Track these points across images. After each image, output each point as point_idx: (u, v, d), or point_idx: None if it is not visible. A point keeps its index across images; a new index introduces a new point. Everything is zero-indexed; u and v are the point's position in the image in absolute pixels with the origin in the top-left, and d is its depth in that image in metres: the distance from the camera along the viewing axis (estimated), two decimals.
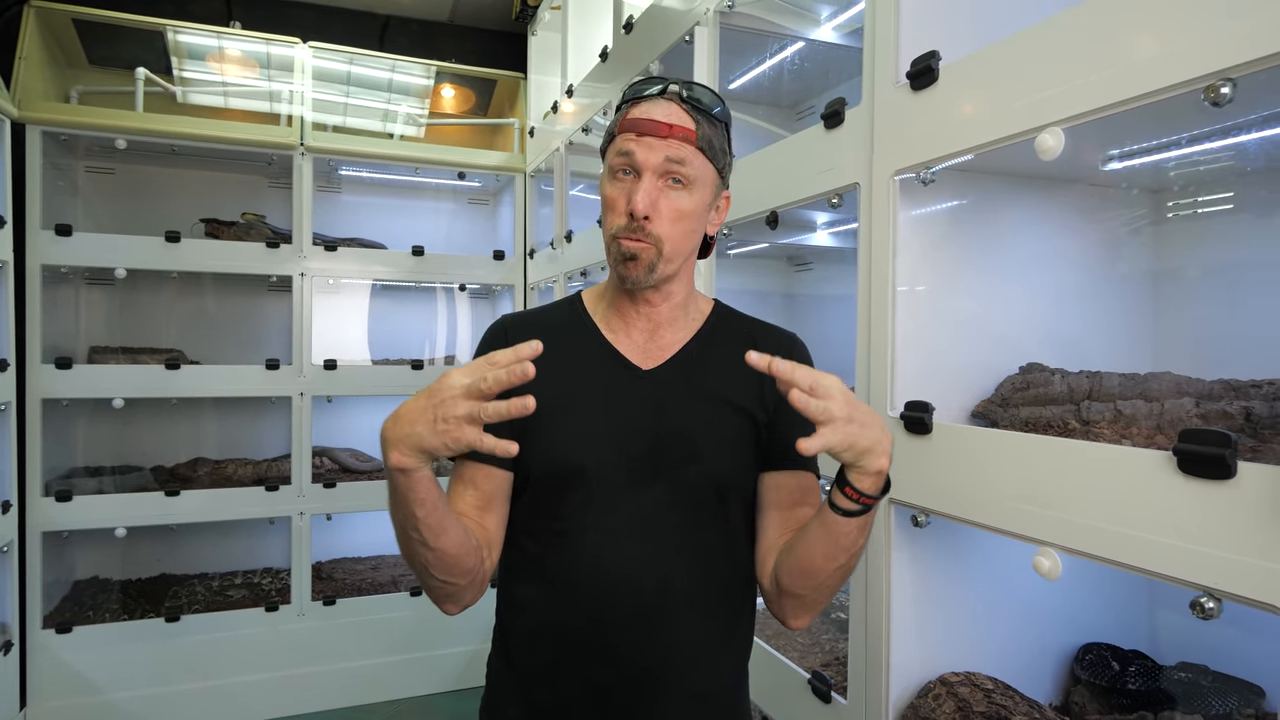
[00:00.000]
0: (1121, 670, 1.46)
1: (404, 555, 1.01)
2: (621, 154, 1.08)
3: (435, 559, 0.98)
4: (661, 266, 1.08)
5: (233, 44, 3.53)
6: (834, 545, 0.98)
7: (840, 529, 0.97)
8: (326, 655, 3.46)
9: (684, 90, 1.10)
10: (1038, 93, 1.12)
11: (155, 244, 3.24)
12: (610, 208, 1.09)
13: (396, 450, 0.89)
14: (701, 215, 1.12)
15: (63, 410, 3.25)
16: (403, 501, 0.93)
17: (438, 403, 0.88)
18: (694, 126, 1.08)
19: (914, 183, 1.40)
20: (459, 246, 4.19)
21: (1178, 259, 1.55)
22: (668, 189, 1.07)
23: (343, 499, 3.54)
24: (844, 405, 0.88)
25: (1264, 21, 0.84)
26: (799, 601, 1.07)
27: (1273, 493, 0.83)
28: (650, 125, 1.06)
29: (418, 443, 0.88)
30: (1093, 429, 1.25)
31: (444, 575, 1.01)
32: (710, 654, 1.12)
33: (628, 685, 1.07)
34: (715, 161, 1.11)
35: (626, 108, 1.12)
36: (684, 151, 1.07)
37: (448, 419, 0.87)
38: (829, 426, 0.86)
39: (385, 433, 0.91)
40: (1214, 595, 0.89)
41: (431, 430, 0.87)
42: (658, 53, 2.31)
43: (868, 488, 0.93)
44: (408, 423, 0.89)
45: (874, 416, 0.91)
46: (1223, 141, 1.23)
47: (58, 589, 3.33)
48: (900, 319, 1.41)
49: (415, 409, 0.89)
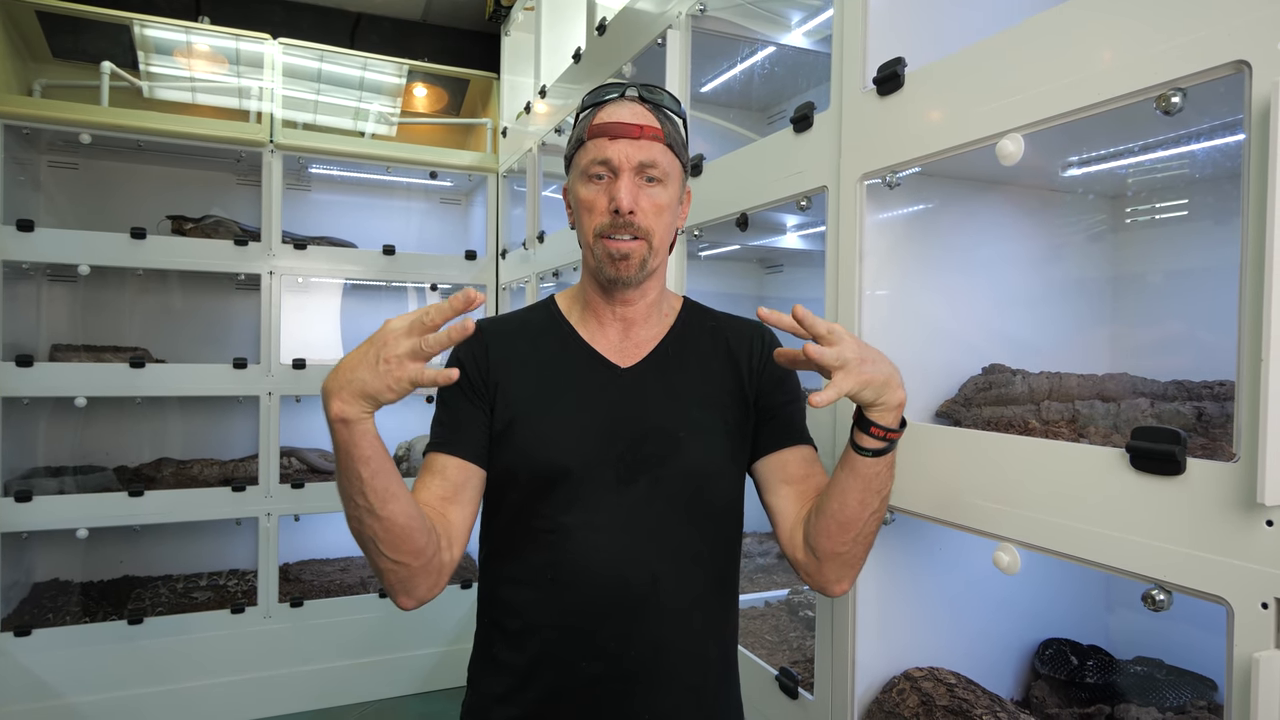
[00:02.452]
0: (1080, 665, 1.49)
1: (353, 533, 0.99)
2: (596, 157, 1.10)
3: (383, 530, 0.95)
4: (651, 260, 1.12)
5: (201, 39, 3.48)
6: (867, 489, 1.01)
7: (870, 470, 1.00)
8: (294, 658, 3.42)
9: (644, 92, 1.15)
10: (998, 100, 1.15)
11: (120, 240, 3.19)
12: (589, 209, 1.11)
13: (337, 399, 0.87)
14: (675, 208, 1.16)
15: (23, 409, 3.18)
16: (345, 459, 0.91)
17: (379, 344, 0.87)
18: (660, 125, 1.12)
19: (880, 186, 1.42)
20: (431, 246, 4.17)
21: (1135, 263, 1.59)
22: (645, 186, 1.11)
23: (311, 500, 3.50)
24: (855, 347, 0.92)
25: (1210, 35, 0.87)
26: (839, 560, 1.08)
27: (1219, 488, 0.86)
28: (622, 128, 1.09)
29: (360, 388, 0.87)
30: (1052, 428, 1.28)
31: (393, 553, 0.97)
32: (699, 647, 1.13)
33: (617, 681, 1.08)
34: (680, 157, 1.16)
35: (590, 113, 1.15)
36: (655, 150, 1.11)
37: (388, 359, 0.86)
38: (843, 371, 0.90)
39: (325, 385, 0.89)
40: (1164, 588, 0.92)
41: (374, 372, 0.86)
42: (630, 55, 2.32)
43: (890, 422, 0.97)
44: (348, 370, 0.88)
45: (881, 354, 0.96)
46: (1175, 150, 1.27)
47: (16, 591, 3.26)
48: (866, 320, 1.44)
49: (355, 356, 0.88)
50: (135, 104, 3.41)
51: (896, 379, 0.96)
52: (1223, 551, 0.86)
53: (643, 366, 1.16)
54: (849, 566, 1.10)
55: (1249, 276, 0.83)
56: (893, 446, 1.00)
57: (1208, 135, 1.17)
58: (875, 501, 1.03)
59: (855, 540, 1.06)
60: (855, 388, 0.92)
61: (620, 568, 1.08)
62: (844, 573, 1.10)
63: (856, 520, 1.04)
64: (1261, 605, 0.82)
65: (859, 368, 0.91)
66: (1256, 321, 0.81)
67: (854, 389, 0.92)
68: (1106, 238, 1.61)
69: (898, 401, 0.96)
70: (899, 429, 0.99)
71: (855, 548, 1.07)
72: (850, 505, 1.03)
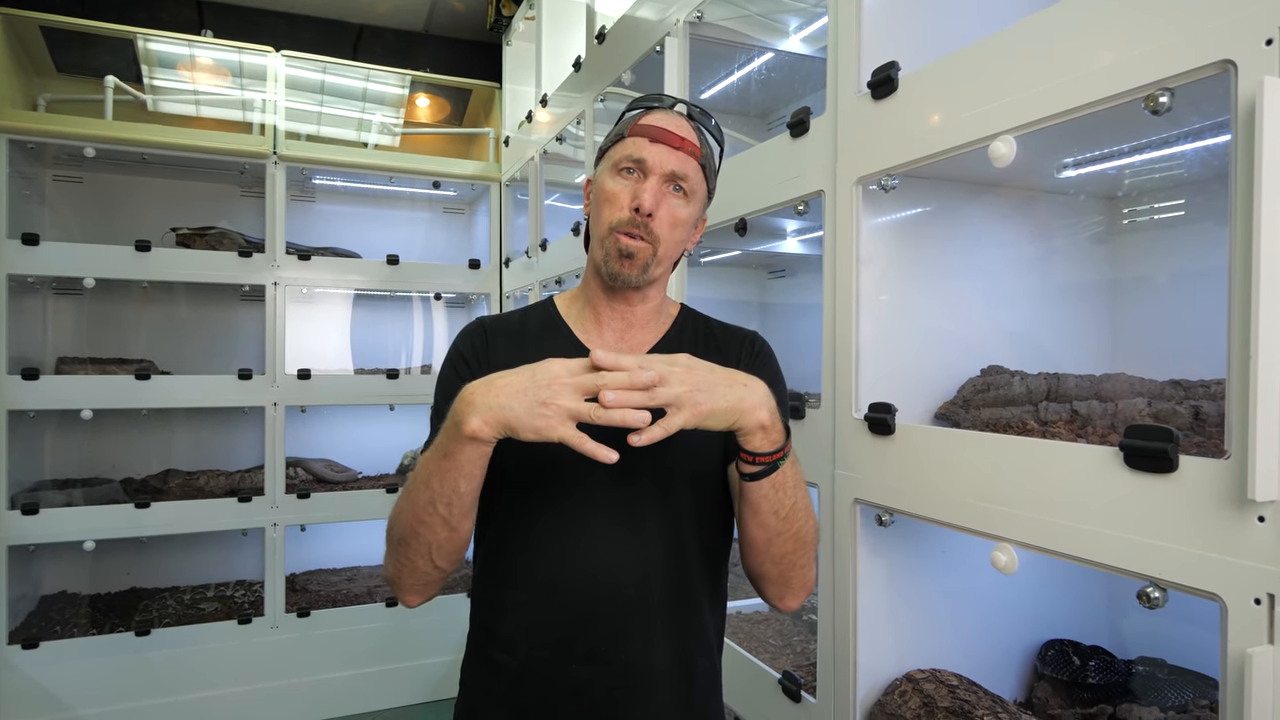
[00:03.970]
0: (1082, 665, 1.49)
1: (405, 534, 0.99)
2: (631, 154, 1.11)
3: (448, 540, 0.98)
4: (653, 268, 1.12)
5: (204, 52, 3.51)
6: (759, 512, 1.00)
7: (757, 494, 0.98)
8: (301, 668, 3.43)
9: (693, 110, 1.17)
10: (989, 102, 1.15)
11: (125, 253, 3.22)
12: (611, 201, 1.11)
13: (480, 417, 0.87)
14: (691, 227, 1.17)
15: (29, 422, 3.20)
16: (452, 471, 0.91)
17: (543, 385, 0.86)
18: (699, 145, 1.14)
19: (876, 190, 1.43)
20: (434, 255, 4.19)
21: (1132, 264, 1.59)
22: (670, 195, 1.11)
23: (317, 510, 3.51)
24: (683, 378, 0.88)
25: (1196, 35, 0.88)
26: (768, 580, 1.08)
27: (1212, 485, 0.86)
28: (664, 134, 1.11)
29: (508, 418, 0.86)
30: (1050, 429, 1.28)
31: (443, 561, 1.00)
32: (689, 648, 1.12)
33: (609, 682, 1.07)
34: (709, 181, 1.18)
35: (637, 114, 1.16)
36: (689, 165, 1.12)
37: (549, 404, 0.85)
38: (674, 408, 0.86)
39: (472, 396, 0.88)
40: (1159, 585, 0.92)
41: (530, 411, 0.85)
42: (629, 63, 2.34)
43: (758, 445, 0.93)
44: (503, 394, 0.86)
45: (729, 377, 0.91)
46: (1168, 150, 1.28)
47: (24, 604, 3.27)
48: (864, 323, 1.44)
49: (514, 384, 0.87)
50: (139, 117, 3.44)
51: (749, 401, 0.90)
52: (1216, 548, 0.86)
53: None
54: (782, 585, 1.08)
55: (1237, 275, 0.83)
56: (772, 469, 0.96)
57: (1200, 135, 1.18)
58: (774, 523, 1.00)
59: (774, 562, 1.05)
60: (690, 423, 0.87)
61: (612, 570, 1.07)
62: (782, 591, 1.09)
63: (762, 542, 1.03)
64: (1254, 601, 0.82)
65: (691, 400, 0.87)
66: (1245, 319, 0.81)
67: (687, 424, 0.87)
68: (1103, 239, 1.62)
69: (756, 424, 0.91)
70: (773, 452, 0.94)
71: (777, 568, 1.06)
72: (751, 529, 1.03)
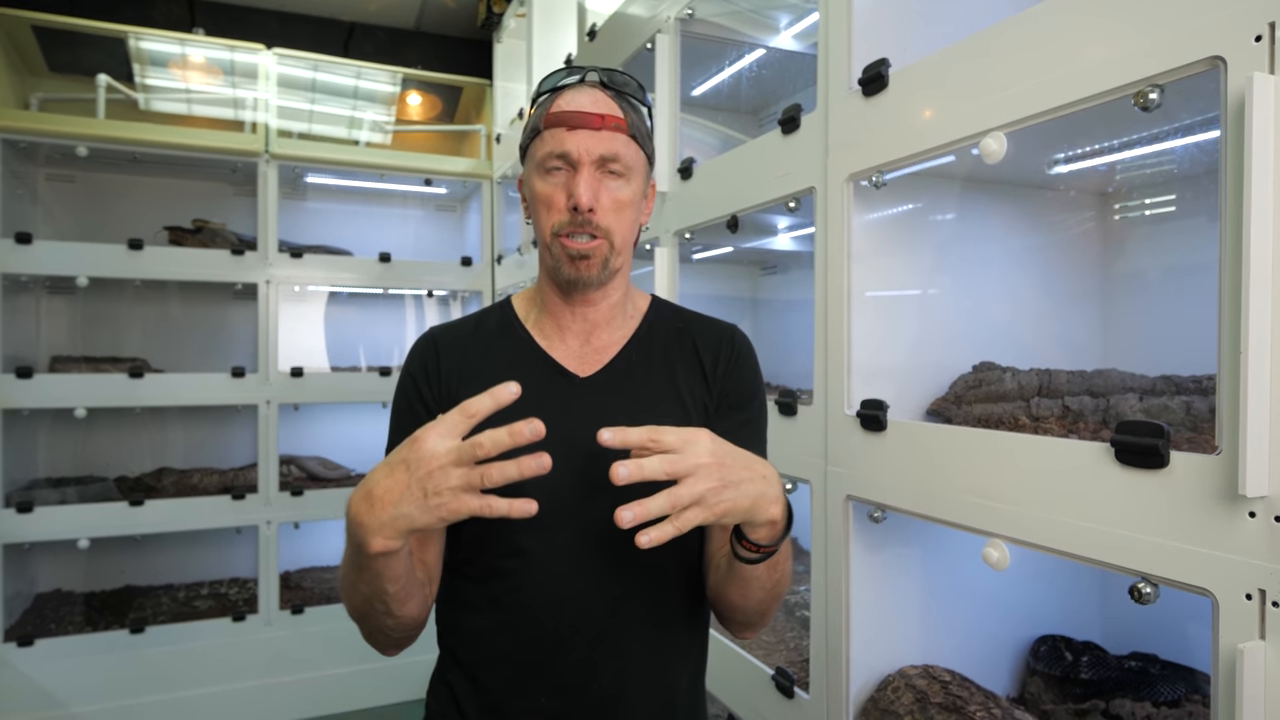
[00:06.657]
0: (1075, 660, 1.50)
1: (359, 617, 0.97)
2: (553, 149, 1.00)
3: (395, 624, 0.96)
4: (614, 260, 1.04)
5: (196, 50, 3.50)
6: (747, 586, 0.98)
7: (749, 574, 0.95)
8: (295, 665, 3.43)
9: (605, 77, 1.04)
10: (979, 98, 1.15)
11: (118, 252, 3.21)
12: (547, 204, 1.01)
13: (380, 536, 0.80)
14: (639, 204, 1.07)
15: (23, 420, 3.19)
16: (374, 580, 0.87)
17: (423, 475, 0.78)
18: (623, 114, 1.02)
19: (867, 186, 1.43)
20: (426, 253, 4.18)
21: (1124, 260, 1.59)
22: (606, 179, 1.01)
23: (311, 507, 3.51)
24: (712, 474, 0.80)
25: (1185, 32, 0.88)
26: (738, 625, 1.07)
27: (1202, 480, 0.86)
28: (581, 117, 0.99)
29: (407, 525, 0.79)
30: (1042, 424, 1.29)
31: (400, 633, 0.99)
32: (666, 669, 1.07)
33: (583, 708, 1.01)
34: (645, 147, 1.06)
35: (548, 100, 1.03)
36: (618, 142, 1.01)
37: (440, 492, 0.78)
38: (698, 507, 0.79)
39: (359, 517, 0.81)
40: (1150, 580, 0.92)
41: (422, 508, 0.78)
42: (620, 60, 2.33)
43: (763, 538, 0.89)
44: (389, 504, 0.79)
45: (751, 467, 0.85)
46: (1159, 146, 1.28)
47: (19, 602, 3.27)
48: (856, 319, 1.44)
49: (395, 487, 0.79)
50: (131, 116, 3.43)
51: (768, 497, 0.84)
52: (1207, 543, 0.86)
53: (603, 375, 1.07)
54: (748, 627, 1.07)
55: (1228, 270, 0.83)
56: (771, 555, 0.92)
57: (1190, 131, 1.18)
58: (758, 594, 0.98)
59: (748, 613, 1.03)
60: (705, 522, 0.81)
61: (584, 591, 1.01)
62: (744, 630, 1.08)
63: (741, 606, 1.01)
64: (1245, 596, 0.83)
65: (715, 499, 0.80)
66: (1235, 315, 0.81)
67: (703, 523, 0.81)
68: (1095, 235, 1.62)
69: (767, 520, 0.86)
70: (776, 543, 0.90)
71: (749, 618, 1.04)
72: (733, 594, 1.00)
